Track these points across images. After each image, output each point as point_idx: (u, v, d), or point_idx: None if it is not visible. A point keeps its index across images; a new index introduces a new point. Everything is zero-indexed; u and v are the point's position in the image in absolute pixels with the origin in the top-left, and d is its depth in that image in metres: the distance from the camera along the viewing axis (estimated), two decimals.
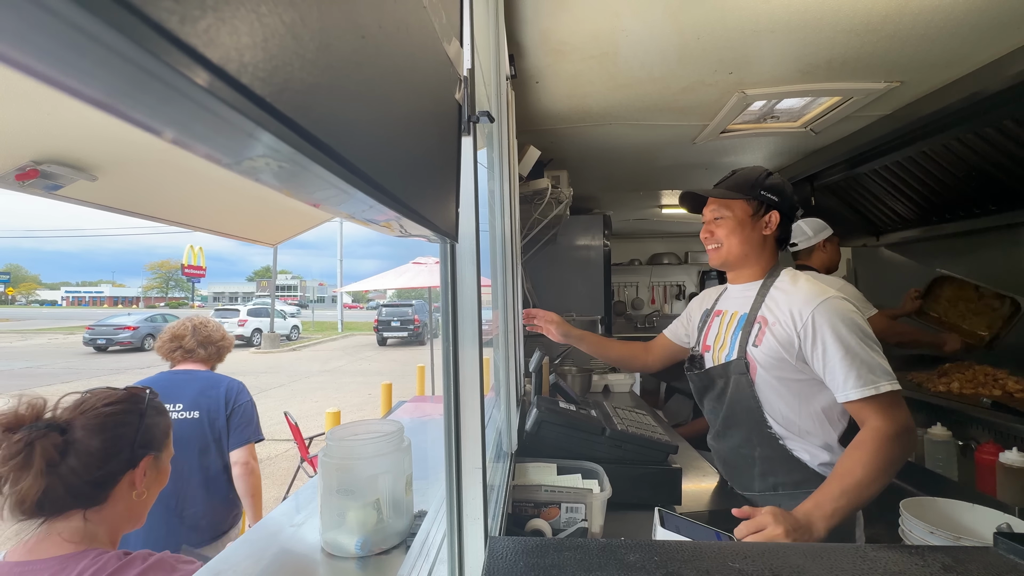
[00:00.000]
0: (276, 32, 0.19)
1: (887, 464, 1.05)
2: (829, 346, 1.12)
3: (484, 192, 1.16)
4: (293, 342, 18.63)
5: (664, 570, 0.62)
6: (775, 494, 1.26)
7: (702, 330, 1.46)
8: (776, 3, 1.38)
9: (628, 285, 5.88)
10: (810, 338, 1.14)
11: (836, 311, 1.14)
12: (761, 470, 1.29)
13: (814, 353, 1.14)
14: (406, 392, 6.72)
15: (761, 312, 1.26)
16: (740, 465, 1.35)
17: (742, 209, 1.30)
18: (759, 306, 1.27)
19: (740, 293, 1.37)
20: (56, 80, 0.13)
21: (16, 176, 0.98)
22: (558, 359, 3.03)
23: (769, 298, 1.26)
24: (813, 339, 1.14)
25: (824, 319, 1.13)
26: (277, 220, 1.84)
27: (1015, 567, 0.64)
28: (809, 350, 1.15)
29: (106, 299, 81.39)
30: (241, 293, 74.19)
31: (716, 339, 1.38)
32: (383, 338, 17.41)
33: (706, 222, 1.36)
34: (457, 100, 0.62)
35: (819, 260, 2.42)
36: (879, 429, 1.07)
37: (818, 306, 1.14)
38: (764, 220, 1.30)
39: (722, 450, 1.41)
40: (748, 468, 1.32)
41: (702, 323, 1.48)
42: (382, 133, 0.33)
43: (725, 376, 1.32)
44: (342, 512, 0.88)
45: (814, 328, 1.14)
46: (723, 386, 1.34)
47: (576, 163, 2.91)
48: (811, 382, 1.20)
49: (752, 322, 1.27)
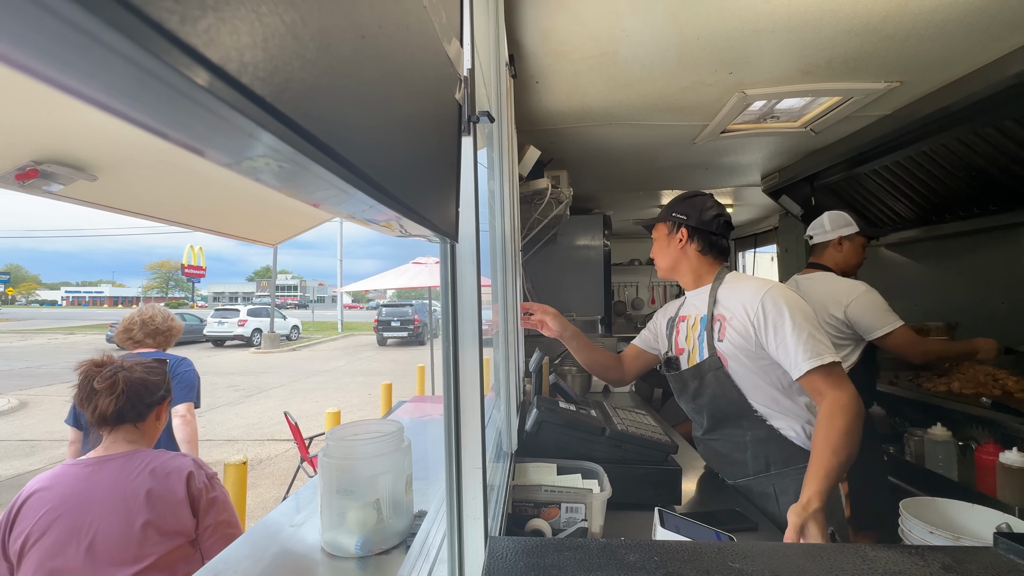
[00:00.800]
0: (276, 32, 0.19)
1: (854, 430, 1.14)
2: (779, 328, 1.25)
3: (484, 192, 1.15)
4: (293, 342, 18.63)
5: (664, 570, 0.62)
6: (768, 474, 1.36)
7: (671, 335, 1.58)
8: (776, 3, 1.38)
9: (628, 285, 5.88)
10: (762, 324, 1.28)
11: (781, 297, 1.28)
12: (753, 452, 1.38)
13: (767, 337, 1.28)
14: (406, 392, 6.73)
15: (717, 311, 1.40)
16: (733, 453, 1.42)
17: (660, 231, 1.54)
18: (713, 306, 1.42)
19: (695, 298, 1.51)
20: (56, 80, 0.13)
21: (16, 176, 0.98)
22: (558, 359, 3.03)
23: (720, 297, 1.41)
24: (765, 325, 1.28)
25: (771, 305, 1.27)
26: (277, 220, 1.84)
27: (1015, 567, 0.64)
28: (763, 335, 1.28)
29: (106, 299, 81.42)
30: (241, 293, 74.18)
31: (687, 341, 1.51)
32: (383, 338, 17.40)
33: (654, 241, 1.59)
34: (457, 100, 0.62)
35: (832, 259, 2.20)
36: (837, 398, 1.17)
37: (764, 295, 1.29)
38: (677, 236, 1.49)
39: (713, 443, 1.48)
40: (741, 453, 1.40)
41: (669, 329, 1.59)
42: (382, 133, 0.33)
43: (700, 376, 1.42)
44: (342, 512, 0.88)
45: (764, 315, 1.28)
46: (698, 385, 1.44)
47: (576, 163, 2.91)
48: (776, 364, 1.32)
49: (712, 320, 1.40)
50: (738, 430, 1.39)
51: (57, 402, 7.88)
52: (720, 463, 1.48)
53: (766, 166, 3.12)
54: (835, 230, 2.18)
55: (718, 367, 1.37)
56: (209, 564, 0.87)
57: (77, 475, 1.17)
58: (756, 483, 1.38)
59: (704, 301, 1.45)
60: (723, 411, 1.40)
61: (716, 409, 1.41)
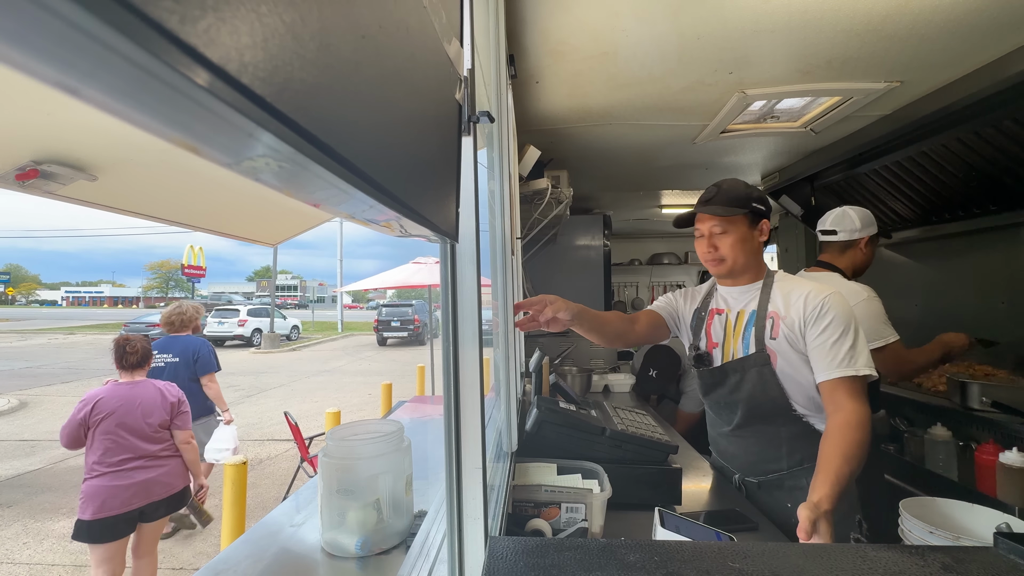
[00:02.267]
0: (276, 32, 0.19)
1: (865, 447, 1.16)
2: (827, 329, 1.26)
3: (484, 192, 1.16)
4: (293, 342, 18.62)
5: (664, 570, 0.62)
6: (801, 468, 1.36)
7: (699, 328, 1.51)
8: (776, 3, 1.38)
9: (628, 285, 5.88)
10: (813, 321, 1.28)
11: (841, 303, 1.29)
12: (789, 448, 1.38)
13: (811, 333, 1.28)
14: (406, 392, 6.72)
15: (771, 308, 1.36)
16: (767, 448, 1.41)
17: (743, 223, 1.38)
18: (766, 303, 1.37)
19: (740, 294, 1.44)
20: (56, 80, 0.13)
21: (16, 176, 0.98)
22: (558, 359, 3.03)
23: (775, 295, 1.37)
24: (817, 322, 1.28)
25: (830, 307, 1.28)
26: (277, 220, 1.83)
27: (1015, 567, 0.64)
28: (809, 331, 1.28)
29: (106, 299, 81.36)
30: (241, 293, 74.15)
31: (725, 336, 1.44)
32: (383, 338, 17.38)
33: (705, 236, 1.41)
34: (457, 100, 0.62)
35: (851, 258, 1.98)
36: (857, 412, 1.19)
37: (828, 296, 1.29)
38: (759, 229, 1.40)
39: (743, 439, 1.45)
40: (775, 449, 1.39)
41: (696, 321, 1.52)
42: (382, 133, 0.33)
43: (742, 370, 1.39)
44: (342, 512, 0.88)
45: (819, 314, 1.28)
46: (739, 380, 1.40)
47: (576, 163, 2.91)
48: None
49: (764, 318, 1.36)
50: (772, 426, 1.39)
51: (57, 402, 7.88)
52: (748, 459, 1.45)
53: (766, 166, 3.12)
54: (865, 228, 1.96)
55: (765, 363, 1.34)
56: (209, 564, 0.87)
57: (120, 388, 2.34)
58: (789, 476, 1.37)
59: (751, 297, 1.41)
60: (761, 407, 1.38)
61: (753, 404, 1.38)
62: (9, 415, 7.10)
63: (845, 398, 1.21)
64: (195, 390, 3.26)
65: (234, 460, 2.55)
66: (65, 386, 9.34)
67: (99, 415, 2.22)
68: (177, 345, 3.31)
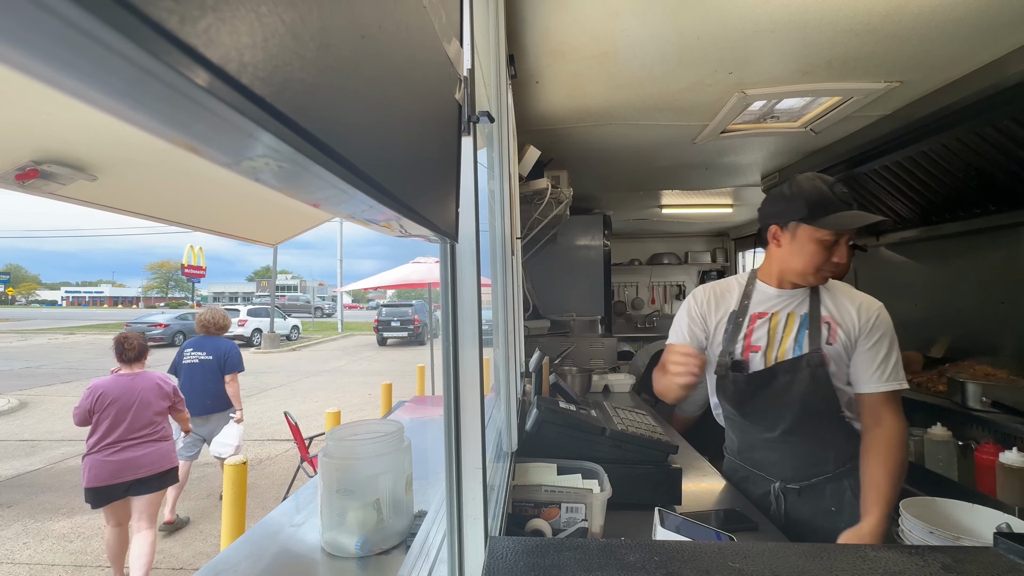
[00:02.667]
0: (276, 32, 0.19)
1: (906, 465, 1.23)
2: (880, 341, 1.30)
3: (484, 192, 1.16)
4: (293, 342, 18.61)
5: (664, 570, 0.62)
6: (844, 468, 1.38)
7: (736, 333, 1.41)
8: (776, 3, 1.38)
9: (628, 285, 5.88)
10: (866, 332, 1.31)
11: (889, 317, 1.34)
12: (836, 452, 1.39)
13: (864, 345, 1.31)
14: (406, 392, 6.72)
15: (824, 313, 1.36)
16: (816, 451, 1.39)
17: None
18: (818, 306, 1.37)
19: (791, 297, 1.39)
20: (56, 80, 0.13)
21: (16, 176, 0.98)
22: (558, 359, 3.03)
23: (826, 300, 1.37)
24: (870, 334, 1.31)
25: (884, 320, 1.32)
26: (277, 220, 1.83)
27: (1015, 567, 0.64)
28: (862, 341, 1.31)
29: (106, 299, 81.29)
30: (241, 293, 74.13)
31: (769, 340, 1.38)
32: (383, 338, 17.37)
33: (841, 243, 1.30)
34: (457, 100, 0.62)
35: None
36: (899, 428, 1.25)
37: (882, 308, 1.34)
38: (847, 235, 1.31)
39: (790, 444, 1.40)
40: (823, 452, 1.39)
41: (733, 327, 1.42)
42: (382, 133, 0.33)
43: (794, 371, 1.33)
44: (342, 512, 0.88)
45: (874, 325, 1.31)
46: (789, 381, 1.34)
47: (576, 163, 2.91)
48: None
49: (818, 321, 1.35)
50: (820, 428, 1.38)
51: (57, 402, 7.88)
52: (794, 464, 1.40)
53: (766, 166, 3.12)
54: None
55: (820, 363, 1.31)
56: (209, 564, 0.87)
57: (123, 379, 2.73)
58: (833, 478, 1.38)
59: (801, 300, 1.37)
60: (811, 409, 1.34)
61: (804, 407, 1.34)
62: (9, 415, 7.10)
63: (888, 412, 1.26)
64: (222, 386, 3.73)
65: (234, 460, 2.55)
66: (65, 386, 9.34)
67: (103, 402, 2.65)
68: (209, 344, 3.75)
